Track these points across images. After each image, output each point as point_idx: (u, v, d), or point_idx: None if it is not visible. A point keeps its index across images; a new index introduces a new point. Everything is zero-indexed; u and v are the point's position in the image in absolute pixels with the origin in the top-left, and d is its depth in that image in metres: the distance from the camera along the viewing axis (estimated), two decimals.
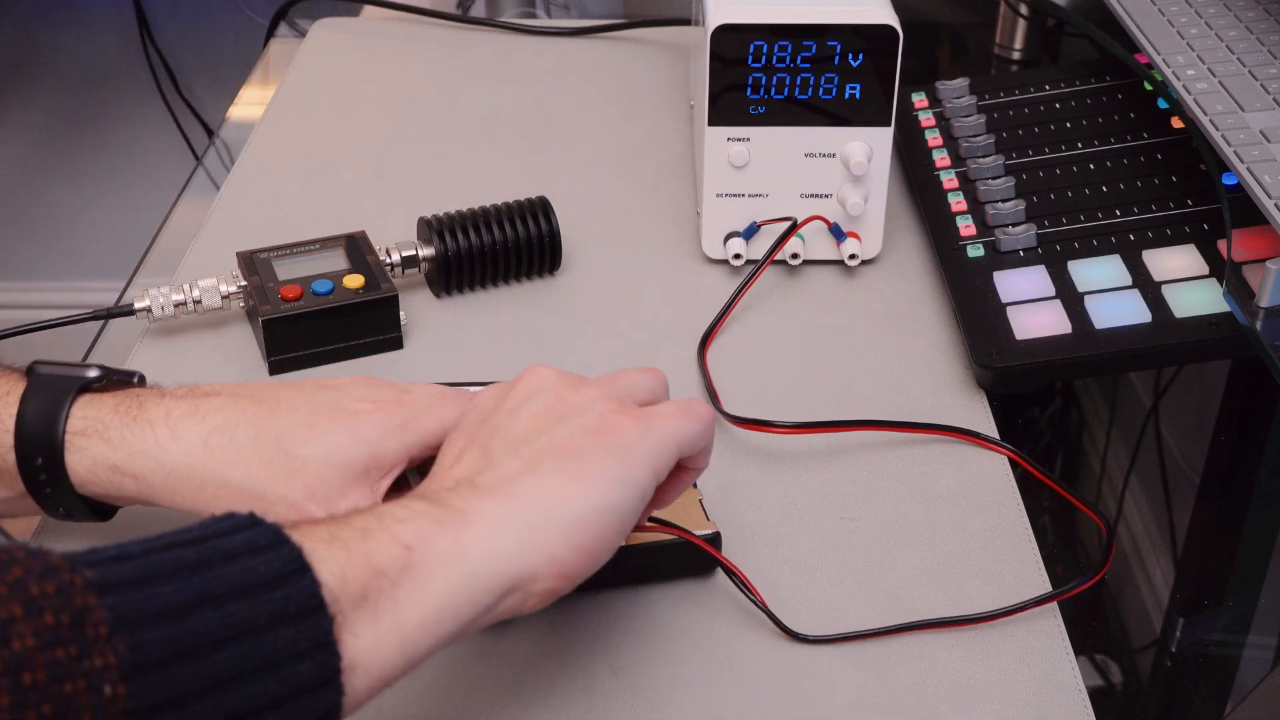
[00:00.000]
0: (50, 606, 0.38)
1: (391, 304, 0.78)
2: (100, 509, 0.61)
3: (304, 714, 0.42)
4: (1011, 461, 0.72)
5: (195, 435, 0.58)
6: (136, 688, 0.38)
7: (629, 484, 0.51)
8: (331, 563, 0.43)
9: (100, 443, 0.58)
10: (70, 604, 0.38)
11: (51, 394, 0.59)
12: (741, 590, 0.62)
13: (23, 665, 0.36)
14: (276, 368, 0.77)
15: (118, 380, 0.62)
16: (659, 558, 0.63)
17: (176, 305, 0.79)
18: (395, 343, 0.79)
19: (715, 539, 0.63)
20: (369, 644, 0.44)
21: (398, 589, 0.45)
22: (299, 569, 0.42)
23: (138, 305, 0.79)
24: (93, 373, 0.60)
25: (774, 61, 0.80)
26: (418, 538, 0.46)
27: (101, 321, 0.81)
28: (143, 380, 0.64)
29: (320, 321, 0.77)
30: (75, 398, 0.59)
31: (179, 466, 0.58)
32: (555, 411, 0.53)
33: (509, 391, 0.55)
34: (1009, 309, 0.78)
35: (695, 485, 0.67)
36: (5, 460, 0.59)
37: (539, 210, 0.84)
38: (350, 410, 0.59)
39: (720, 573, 0.64)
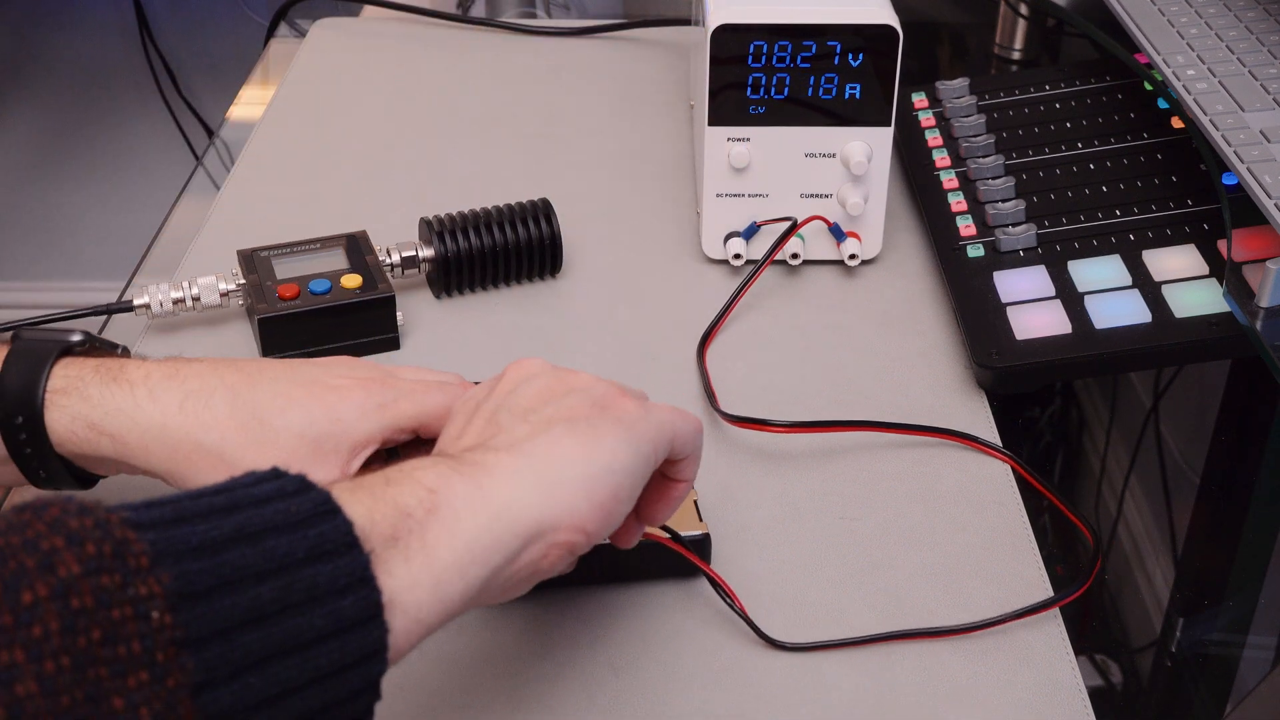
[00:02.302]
0: (91, 538, 0.38)
1: (388, 304, 0.78)
2: (81, 477, 0.61)
3: (351, 650, 0.42)
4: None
5: (172, 397, 0.58)
6: (184, 616, 0.38)
7: (637, 452, 0.52)
8: (359, 506, 0.44)
9: (79, 400, 0.58)
10: (110, 536, 0.38)
11: (34, 355, 0.59)
12: (722, 598, 0.61)
13: (70, 590, 0.36)
14: None
15: (101, 348, 0.63)
16: (650, 556, 0.62)
17: (175, 302, 0.79)
18: (392, 343, 0.79)
19: (704, 541, 0.63)
20: (404, 583, 0.44)
21: (426, 530, 0.45)
22: (330, 510, 0.43)
23: (137, 302, 0.79)
24: (76, 337, 0.61)
25: (774, 61, 0.80)
26: (441, 482, 0.47)
27: (103, 320, 0.81)
28: (127, 352, 0.65)
29: (316, 321, 0.77)
30: (57, 359, 0.59)
31: (154, 426, 0.58)
32: (558, 388, 0.54)
33: (501, 378, 0.56)
34: (1009, 309, 0.78)
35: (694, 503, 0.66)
36: None
37: (540, 213, 0.84)
38: (330, 385, 0.60)
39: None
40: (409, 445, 0.62)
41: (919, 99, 0.99)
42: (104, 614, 0.37)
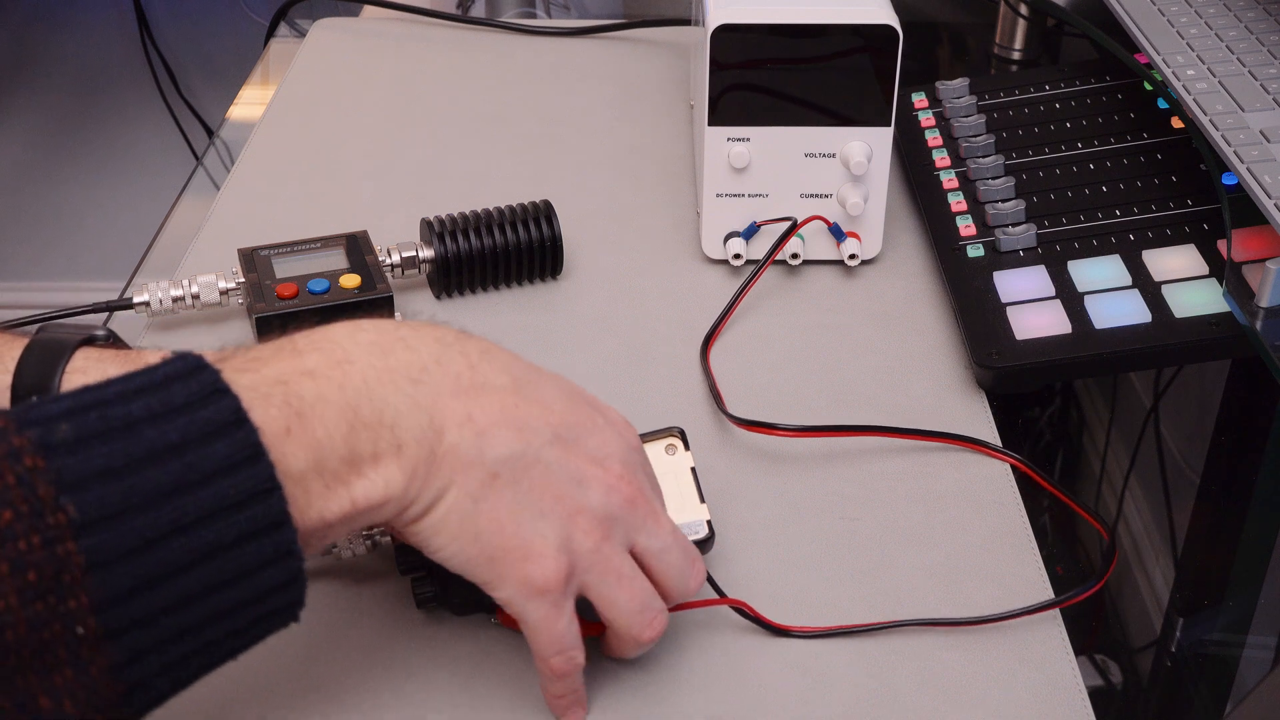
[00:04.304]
0: (33, 564, 0.41)
1: (386, 304, 0.78)
2: None
3: (268, 609, 0.47)
4: (1013, 466, 0.72)
5: None
6: (105, 619, 0.42)
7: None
8: (301, 499, 0.47)
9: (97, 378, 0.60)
10: (54, 555, 0.41)
11: (56, 344, 0.60)
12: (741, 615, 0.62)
13: (5, 626, 0.40)
14: None
15: (123, 346, 0.63)
16: None
17: (175, 300, 0.79)
18: None
19: (708, 539, 0.63)
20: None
21: (335, 531, 0.49)
22: (266, 489, 0.45)
23: (136, 299, 0.79)
24: (101, 332, 0.62)
25: (774, 61, 0.80)
26: (385, 499, 0.50)
27: (104, 317, 0.81)
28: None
29: (313, 320, 0.76)
30: (78, 347, 0.60)
31: None
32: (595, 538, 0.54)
33: (616, 505, 0.55)
34: (1009, 309, 0.78)
35: (693, 471, 0.65)
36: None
37: (541, 215, 0.84)
38: None
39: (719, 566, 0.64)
40: None
41: (919, 99, 0.99)
42: (35, 636, 0.41)
